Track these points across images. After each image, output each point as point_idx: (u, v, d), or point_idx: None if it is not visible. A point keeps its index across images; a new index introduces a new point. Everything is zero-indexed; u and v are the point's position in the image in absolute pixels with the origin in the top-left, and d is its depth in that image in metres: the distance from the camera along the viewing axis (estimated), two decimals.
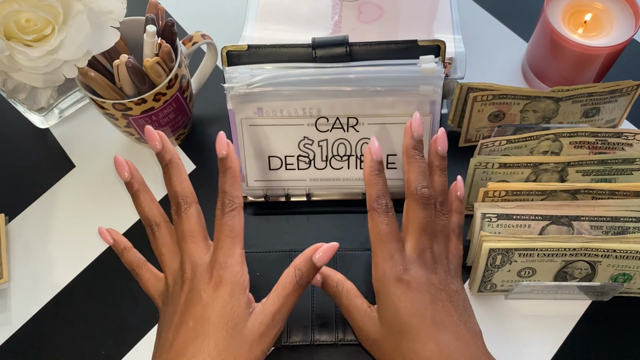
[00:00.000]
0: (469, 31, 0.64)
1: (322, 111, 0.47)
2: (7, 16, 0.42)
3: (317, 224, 0.54)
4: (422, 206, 0.40)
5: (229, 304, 0.38)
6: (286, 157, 0.50)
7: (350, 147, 0.50)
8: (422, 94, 0.45)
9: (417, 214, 0.40)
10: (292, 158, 0.50)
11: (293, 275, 0.40)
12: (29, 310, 0.52)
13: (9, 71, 0.44)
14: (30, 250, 0.55)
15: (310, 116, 0.47)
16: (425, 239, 0.41)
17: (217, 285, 0.38)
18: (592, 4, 0.55)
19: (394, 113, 0.47)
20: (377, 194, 0.41)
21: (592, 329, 0.49)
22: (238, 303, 0.38)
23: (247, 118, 0.47)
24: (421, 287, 0.39)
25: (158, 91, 0.49)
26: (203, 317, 0.37)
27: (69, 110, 0.62)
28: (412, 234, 0.41)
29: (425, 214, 0.40)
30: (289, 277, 0.40)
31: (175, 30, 0.51)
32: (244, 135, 0.48)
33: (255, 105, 0.46)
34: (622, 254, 0.44)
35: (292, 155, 0.50)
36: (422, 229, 0.40)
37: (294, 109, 0.47)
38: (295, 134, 0.49)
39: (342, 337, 0.48)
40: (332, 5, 0.61)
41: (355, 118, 0.47)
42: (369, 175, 0.42)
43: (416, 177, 0.41)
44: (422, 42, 0.47)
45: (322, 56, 0.47)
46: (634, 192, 0.47)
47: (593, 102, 0.53)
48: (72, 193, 0.58)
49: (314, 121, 0.48)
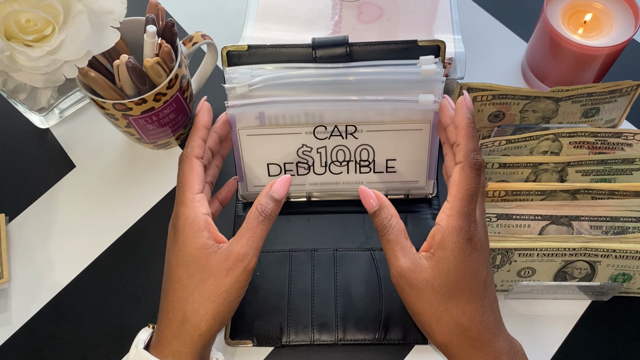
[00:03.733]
0: (469, 31, 0.64)
1: (322, 118, 0.47)
2: (7, 16, 0.42)
3: (317, 224, 0.54)
4: (478, 172, 0.40)
5: (185, 244, 0.39)
6: (285, 164, 0.50)
7: (350, 153, 0.50)
8: (422, 103, 0.45)
9: (473, 181, 0.39)
10: (291, 165, 0.50)
11: (255, 210, 0.40)
12: (29, 310, 0.52)
13: (10, 71, 0.44)
14: (30, 250, 0.55)
15: (308, 124, 0.47)
16: (484, 205, 0.42)
17: (175, 232, 0.40)
18: (592, 4, 0.55)
19: (393, 121, 0.47)
20: (474, 147, 0.40)
21: (592, 329, 0.49)
22: (196, 242, 0.39)
23: (245, 128, 0.47)
24: (484, 251, 0.40)
25: (158, 91, 0.49)
26: (167, 261, 0.41)
27: (69, 110, 0.62)
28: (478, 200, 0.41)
29: (480, 179, 0.40)
30: (252, 214, 0.40)
31: (176, 31, 0.51)
32: (243, 145, 0.48)
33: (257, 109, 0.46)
34: (622, 254, 0.44)
35: (291, 162, 0.50)
36: (478, 195, 0.40)
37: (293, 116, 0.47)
38: (294, 142, 0.49)
39: (342, 337, 0.48)
40: (332, 6, 0.61)
41: (354, 126, 0.47)
42: (468, 127, 0.40)
43: (474, 146, 0.40)
44: (422, 42, 0.47)
45: (322, 56, 0.47)
46: (634, 192, 0.47)
47: (593, 102, 0.53)
48: (72, 193, 0.58)
49: (312, 129, 0.48)
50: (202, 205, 0.41)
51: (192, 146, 0.43)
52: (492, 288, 0.40)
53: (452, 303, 0.38)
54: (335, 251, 0.52)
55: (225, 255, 0.39)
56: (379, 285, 0.50)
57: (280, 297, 0.50)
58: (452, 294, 0.38)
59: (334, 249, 0.52)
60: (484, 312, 0.39)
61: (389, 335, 0.48)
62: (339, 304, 0.49)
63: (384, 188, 0.53)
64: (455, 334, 0.39)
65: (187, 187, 0.41)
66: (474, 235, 0.39)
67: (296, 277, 0.51)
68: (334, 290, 0.50)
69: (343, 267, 0.51)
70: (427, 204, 0.54)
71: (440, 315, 0.39)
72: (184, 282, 0.39)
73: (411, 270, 0.39)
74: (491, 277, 0.41)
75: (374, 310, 0.49)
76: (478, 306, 0.39)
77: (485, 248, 0.40)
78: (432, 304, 0.39)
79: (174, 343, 0.39)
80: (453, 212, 0.39)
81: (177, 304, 0.39)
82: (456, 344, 0.39)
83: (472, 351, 0.39)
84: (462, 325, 0.38)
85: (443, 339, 0.39)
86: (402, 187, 0.53)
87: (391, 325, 0.48)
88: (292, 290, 0.50)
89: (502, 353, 0.39)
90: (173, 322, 0.39)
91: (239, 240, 0.40)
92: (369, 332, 0.48)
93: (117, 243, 0.55)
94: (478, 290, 0.39)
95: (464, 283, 0.38)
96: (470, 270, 0.39)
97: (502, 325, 0.40)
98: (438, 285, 0.38)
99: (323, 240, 0.53)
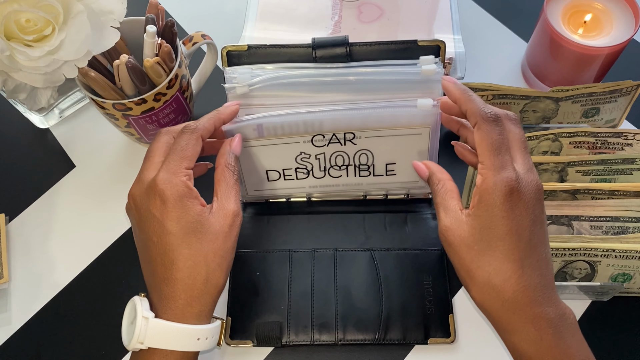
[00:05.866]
0: (469, 31, 0.64)
1: (321, 127, 0.47)
2: (7, 16, 0.42)
3: (317, 224, 0.54)
4: (494, 123, 0.39)
5: (184, 212, 0.40)
6: (284, 170, 0.50)
7: (349, 157, 0.50)
8: (421, 107, 0.45)
9: (494, 132, 0.39)
10: (290, 170, 0.50)
11: (228, 170, 0.43)
12: (29, 310, 0.52)
13: (10, 71, 0.44)
14: (30, 250, 0.55)
15: (306, 133, 0.47)
16: (527, 156, 0.39)
17: (164, 201, 0.40)
18: (592, 4, 0.55)
19: (391, 126, 0.47)
20: (482, 104, 0.40)
21: (592, 329, 0.49)
22: (193, 209, 0.40)
23: (245, 140, 0.47)
24: (530, 206, 0.37)
25: (158, 91, 0.49)
26: (164, 231, 0.39)
27: (69, 110, 0.62)
28: (515, 151, 0.39)
29: (502, 129, 0.39)
30: (226, 172, 0.43)
31: (176, 31, 0.51)
32: (241, 155, 0.48)
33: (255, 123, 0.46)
34: (622, 254, 0.44)
35: (289, 168, 0.50)
36: (506, 145, 0.39)
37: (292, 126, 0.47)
38: (292, 151, 0.49)
39: (342, 337, 0.48)
40: (332, 6, 0.61)
41: (352, 133, 0.47)
42: (464, 93, 0.41)
43: (480, 103, 0.40)
44: (422, 42, 0.47)
45: (322, 56, 0.47)
46: (634, 192, 0.47)
47: (593, 102, 0.53)
48: (72, 193, 0.58)
49: (310, 138, 0.48)
50: (190, 180, 0.41)
51: (204, 127, 0.43)
52: (541, 247, 0.38)
53: (484, 261, 0.37)
54: (335, 251, 0.52)
55: (222, 215, 0.41)
56: (379, 285, 0.50)
57: (280, 297, 0.50)
58: (484, 251, 0.37)
59: (334, 249, 0.52)
60: (523, 273, 0.37)
61: (389, 335, 0.48)
62: (339, 304, 0.49)
63: (384, 189, 0.53)
64: (487, 294, 0.37)
65: (185, 159, 0.41)
66: (515, 188, 0.37)
67: (296, 277, 0.51)
68: (334, 290, 0.50)
69: (343, 267, 0.51)
70: (427, 203, 0.54)
71: (472, 273, 0.38)
72: (196, 246, 0.39)
73: (449, 228, 0.39)
74: (540, 235, 0.38)
75: (374, 310, 0.49)
76: (516, 266, 0.37)
77: (532, 203, 0.37)
78: (465, 260, 0.38)
79: (196, 305, 0.39)
80: (484, 169, 0.38)
81: (196, 268, 0.39)
82: (489, 304, 0.38)
83: (506, 314, 0.37)
84: (495, 285, 0.37)
85: (477, 297, 0.38)
86: (402, 187, 0.53)
87: (391, 325, 0.48)
88: (292, 290, 0.50)
89: (542, 320, 0.36)
90: (194, 285, 0.39)
91: (228, 198, 0.42)
92: (369, 332, 0.48)
93: (117, 243, 0.55)
94: (518, 249, 0.37)
95: (499, 240, 0.37)
96: (508, 226, 0.37)
97: (551, 290, 0.37)
98: (472, 242, 0.38)
99: (323, 240, 0.53)
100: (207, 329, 0.40)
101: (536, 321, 0.36)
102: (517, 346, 0.37)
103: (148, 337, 0.38)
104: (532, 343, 0.36)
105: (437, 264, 0.51)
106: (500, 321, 0.38)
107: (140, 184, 0.42)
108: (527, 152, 0.40)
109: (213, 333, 0.41)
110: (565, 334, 0.37)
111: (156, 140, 0.44)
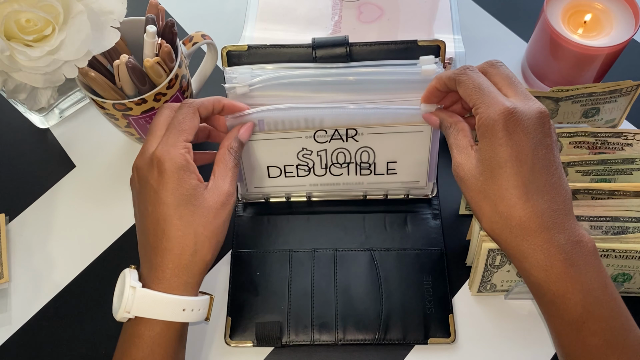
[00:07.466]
0: (469, 31, 0.64)
1: (322, 123, 0.47)
2: (7, 16, 0.42)
3: (317, 224, 0.54)
4: (460, 71, 0.41)
5: (179, 184, 0.41)
6: (285, 166, 0.50)
7: (350, 155, 0.50)
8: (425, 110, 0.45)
9: (464, 75, 0.40)
10: (291, 167, 0.50)
11: (229, 153, 0.44)
12: (29, 310, 0.52)
13: (10, 71, 0.44)
14: (30, 250, 0.55)
15: (308, 129, 0.47)
16: (518, 85, 0.40)
17: (162, 172, 0.41)
18: (592, 4, 0.55)
19: (393, 124, 0.47)
20: (457, 69, 0.41)
21: None
22: (189, 182, 0.41)
23: None
24: (530, 131, 0.37)
25: (158, 91, 0.49)
26: (158, 201, 0.41)
27: (69, 110, 0.62)
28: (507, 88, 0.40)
29: (468, 70, 0.41)
30: (227, 155, 0.44)
31: (176, 31, 0.51)
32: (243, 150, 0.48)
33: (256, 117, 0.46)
34: (622, 254, 0.44)
35: (291, 164, 0.50)
36: (483, 83, 0.40)
37: (293, 121, 0.47)
38: (294, 146, 0.49)
39: (342, 337, 0.48)
40: (332, 6, 0.61)
41: (355, 129, 0.47)
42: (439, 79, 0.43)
43: (447, 73, 0.42)
44: (422, 42, 0.47)
45: (322, 56, 0.47)
46: (634, 192, 0.47)
47: (593, 102, 0.53)
48: (72, 193, 0.58)
49: (312, 133, 0.48)
50: (189, 153, 0.42)
51: (202, 102, 0.44)
52: (547, 171, 0.37)
53: (489, 190, 0.38)
54: (335, 251, 0.52)
55: (217, 193, 0.42)
56: (379, 285, 0.50)
57: (280, 297, 0.50)
58: (488, 180, 0.38)
59: (334, 248, 0.52)
60: (528, 199, 0.36)
61: (389, 335, 0.48)
62: (339, 304, 0.49)
63: (384, 189, 0.53)
64: (495, 223, 0.38)
65: (183, 132, 0.42)
66: (511, 115, 0.37)
67: (296, 277, 0.51)
68: (334, 290, 0.50)
69: (343, 267, 0.51)
70: (427, 204, 0.55)
71: (480, 203, 0.39)
72: (187, 218, 0.41)
73: (460, 164, 0.40)
74: (547, 159, 0.37)
75: (374, 310, 0.49)
76: (520, 192, 0.37)
77: (533, 128, 0.37)
78: (474, 192, 0.39)
79: (183, 276, 0.41)
80: (478, 108, 0.39)
81: (185, 239, 0.40)
82: (498, 232, 0.38)
83: (515, 241, 0.37)
84: (501, 213, 0.37)
85: (486, 227, 0.39)
86: (403, 187, 0.53)
87: (391, 325, 0.48)
88: (292, 290, 0.50)
89: (551, 245, 0.36)
90: (182, 256, 0.40)
91: (224, 179, 0.43)
92: (369, 332, 0.48)
93: (117, 243, 0.55)
94: (520, 174, 0.37)
95: (500, 168, 0.37)
96: (507, 153, 0.37)
97: (564, 216, 0.37)
98: (477, 174, 0.39)
99: (323, 240, 0.53)
100: (194, 300, 0.41)
101: (545, 247, 0.36)
102: (528, 272, 0.37)
103: (135, 307, 0.40)
104: (542, 269, 0.36)
105: (437, 264, 0.51)
106: (510, 249, 0.38)
107: (143, 156, 0.43)
108: (519, 86, 0.40)
109: (200, 306, 0.42)
110: (579, 261, 0.36)
111: (158, 114, 0.45)
